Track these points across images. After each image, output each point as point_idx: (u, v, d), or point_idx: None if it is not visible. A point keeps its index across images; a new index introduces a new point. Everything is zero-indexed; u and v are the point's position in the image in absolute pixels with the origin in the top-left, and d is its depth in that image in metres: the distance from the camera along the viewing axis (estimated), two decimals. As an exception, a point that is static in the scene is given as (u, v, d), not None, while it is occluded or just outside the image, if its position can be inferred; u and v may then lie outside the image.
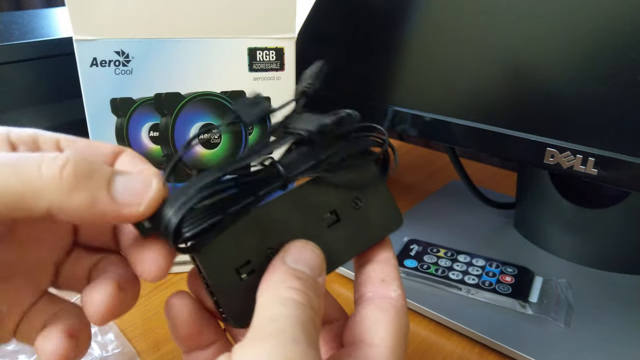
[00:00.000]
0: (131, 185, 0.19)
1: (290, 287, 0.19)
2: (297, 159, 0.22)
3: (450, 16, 0.38)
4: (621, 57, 0.30)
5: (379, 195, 0.24)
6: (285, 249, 0.21)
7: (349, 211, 0.24)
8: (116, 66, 0.36)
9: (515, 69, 0.34)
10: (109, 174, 0.18)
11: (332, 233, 0.23)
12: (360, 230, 0.24)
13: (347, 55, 0.45)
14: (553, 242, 0.45)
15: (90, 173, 0.18)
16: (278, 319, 0.18)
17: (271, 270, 0.20)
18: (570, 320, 0.36)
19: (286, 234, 0.22)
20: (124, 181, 0.19)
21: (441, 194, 0.56)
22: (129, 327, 0.38)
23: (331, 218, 0.23)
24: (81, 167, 0.17)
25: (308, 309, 0.19)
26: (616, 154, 0.30)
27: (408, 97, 0.40)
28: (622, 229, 0.41)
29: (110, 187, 0.18)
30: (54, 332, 0.21)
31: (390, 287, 0.23)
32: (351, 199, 0.24)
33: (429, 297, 0.39)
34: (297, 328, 0.17)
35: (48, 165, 0.17)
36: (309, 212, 0.23)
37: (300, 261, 0.20)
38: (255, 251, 0.21)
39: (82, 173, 0.17)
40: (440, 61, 0.38)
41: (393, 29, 0.41)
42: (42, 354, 0.20)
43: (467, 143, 0.37)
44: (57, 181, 0.17)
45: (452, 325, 0.37)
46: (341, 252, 0.23)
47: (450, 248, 0.44)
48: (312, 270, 0.20)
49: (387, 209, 0.25)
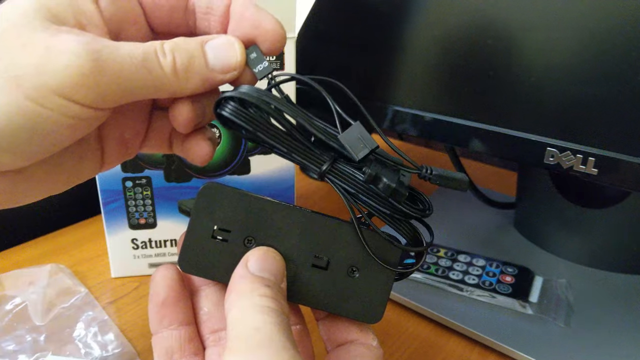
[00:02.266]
0: (222, 54, 0.21)
1: (262, 296, 0.19)
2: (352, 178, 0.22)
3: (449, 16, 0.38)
4: (621, 57, 0.30)
5: (379, 281, 0.23)
6: (248, 256, 0.21)
7: (341, 271, 0.23)
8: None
9: (515, 69, 0.34)
10: (203, 51, 0.21)
11: (310, 273, 0.23)
12: (336, 295, 0.23)
13: (347, 55, 0.45)
14: (553, 242, 0.45)
15: (192, 59, 0.21)
16: (262, 328, 0.18)
17: (237, 278, 0.21)
18: (570, 320, 0.36)
19: (272, 238, 0.22)
20: (214, 50, 0.21)
21: (441, 194, 0.56)
22: (129, 327, 0.38)
23: (321, 261, 0.23)
24: (185, 57, 0.21)
25: (282, 314, 0.19)
26: (616, 154, 0.30)
27: (408, 97, 0.40)
28: (622, 229, 0.41)
29: (207, 63, 0.21)
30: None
31: (369, 336, 0.23)
32: (351, 263, 0.23)
33: (429, 297, 0.39)
34: (282, 335, 0.18)
35: (164, 62, 0.20)
36: (307, 239, 0.23)
37: (265, 269, 0.21)
38: (238, 229, 0.22)
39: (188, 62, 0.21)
40: (440, 61, 0.38)
41: (393, 28, 0.41)
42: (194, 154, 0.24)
43: (467, 143, 0.37)
44: (175, 75, 0.20)
45: (452, 325, 0.37)
46: (305, 294, 0.23)
47: (450, 248, 0.44)
48: (276, 276, 0.21)
49: (376, 299, 0.23)
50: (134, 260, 0.42)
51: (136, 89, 0.20)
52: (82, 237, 0.50)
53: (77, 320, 0.37)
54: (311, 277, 0.23)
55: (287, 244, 0.22)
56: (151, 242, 0.42)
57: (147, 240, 0.42)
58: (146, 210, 0.41)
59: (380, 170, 0.21)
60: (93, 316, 0.38)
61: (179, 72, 0.20)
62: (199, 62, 0.21)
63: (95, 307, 0.39)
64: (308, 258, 0.23)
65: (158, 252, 0.43)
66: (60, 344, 0.35)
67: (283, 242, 0.22)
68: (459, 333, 0.37)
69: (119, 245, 0.42)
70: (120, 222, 0.41)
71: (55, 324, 0.37)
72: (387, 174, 0.21)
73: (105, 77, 0.19)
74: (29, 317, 0.37)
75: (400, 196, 0.21)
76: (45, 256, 0.47)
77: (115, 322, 0.38)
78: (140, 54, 0.20)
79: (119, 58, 0.19)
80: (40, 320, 0.37)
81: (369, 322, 0.23)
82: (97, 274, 0.44)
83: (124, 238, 0.42)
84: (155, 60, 0.20)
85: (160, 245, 0.42)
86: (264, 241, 0.22)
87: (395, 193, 0.21)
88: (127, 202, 0.40)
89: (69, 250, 0.48)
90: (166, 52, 0.20)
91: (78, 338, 0.36)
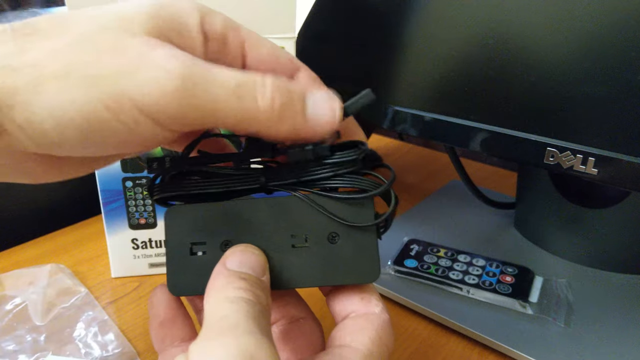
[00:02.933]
0: (320, 107, 0.20)
1: (236, 287, 0.19)
2: (286, 171, 0.22)
3: (449, 16, 0.38)
4: (621, 56, 0.30)
5: (363, 240, 0.23)
6: (226, 255, 0.21)
7: (321, 242, 0.23)
8: (116, 66, 0.36)
9: (515, 69, 0.34)
10: (303, 98, 0.20)
11: (293, 254, 0.23)
12: (327, 266, 0.23)
13: (347, 55, 0.45)
14: (553, 242, 0.45)
15: (292, 102, 0.19)
16: (229, 315, 0.18)
17: (215, 275, 0.21)
18: (570, 320, 0.36)
19: (247, 234, 0.23)
20: (316, 101, 0.20)
21: (441, 194, 0.56)
22: (129, 327, 0.38)
23: (299, 240, 0.23)
24: (285, 98, 0.19)
25: (257, 304, 0.19)
26: (616, 154, 0.30)
27: (408, 97, 0.40)
28: (622, 229, 0.41)
29: (305, 112, 0.20)
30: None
31: (372, 303, 0.22)
32: (329, 230, 0.23)
33: (429, 297, 0.39)
34: (249, 321, 0.18)
35: (262, 97, 0.19)
36: (280, 224, 0.23)
37: (243, 264, 0.21)
38: (212, 237, 0.23)
39: (287, 104, 0.19)
40: (440, 61, 0.38)
41: (393, 28, 0.41)
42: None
43: (467, 143, 0.37)
44: (270, 113, 0.19)
45: (452, 325, 0.37)
46: (297, 277, 0.23)
47: (450, 248, 0.44)
48: (254, 270, 0.21)
49: (365, 258, 0.23)
50: (134, 260, 0.43)
51: (221, 118, 0.19)
52: (82, 237, 0.50)
53: (77, 320, 0.37)
54: (297, 258, 0.23)
55: (262, 235, 0.23)
56: (151, 242, 0.42)
57: (147, 240, 0.42)
58: (146, 210, 0.41)
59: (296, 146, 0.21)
60: (93, 316, 0.38)
61: (275, 110, 0.19)
62: (298, 106, 0.20)
63: (95, 307, 0.39)
64: (286, 241, 0.23)
65: (158, 252, 0.43)
66: (60, 344, 0.35)
67: (257, 234, 0.23)
68: (459, 333, 0.37)
69: (119, 245, 0.42)
70: (121, 222, 0.41)
71: (55, 324, 0.37)
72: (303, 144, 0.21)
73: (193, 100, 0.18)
74: (29, 317, 0.37)
75: (323, 150, 0.21)
76: (45, 256, 0.47)
77: (115, 322, 0.38)
78: (236, 81, 0.18)
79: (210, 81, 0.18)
80: (40, 320, 0.37)
81: (368, 282, 0.23)
82: (97, 274, 0.44)
83: (124, 238, 0.42)
84: (251, 91, 0.19)
85: (161, 245, 0.42)
86: (240, 240, 0.23)
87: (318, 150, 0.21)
88: (127, 202, 0.40)
89: (69, 250, 0.48)
90: (267, 86, 0.19)
91: (78, 338, 0.36)
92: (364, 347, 0.20)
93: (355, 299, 0.23)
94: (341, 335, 0.21)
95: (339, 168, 0.22)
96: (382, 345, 0.21)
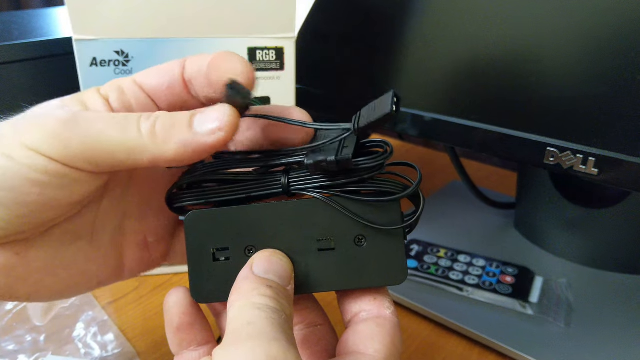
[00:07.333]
0: (208, 116, 0.20)
1: (262, 295, 0.19)
2: (309, 175, 0.22)
3: (450, 16, 0.38)
4: (621, 56, 0.30)
5: (390, 242, 0.22)
6: (252, 260, 0.21)
7: (347, 245, 0.22)
8: (116, 66, 0.36)
9: (515, 69, 0.34)
10: (189, 117, 0.21)
11: (319, 258, 0.22)
12: (353, 269, 0.22)
13: (347, 55, 0.45)
14: (553, 242, 0.45)
15: (173, 123, 0.20)
16: (256, 322, 0.18)
17: (241, 280, 0.21)
18: (570, 320, 0.36)
19: (271, 239, 0.22)
20: (201, 116, 0.21)
21: (441, 194, 0.56)
22: (129, 327, 0.38)
23: (325, 244, 0.22)
24: (167, 121, 0.20)
25: (281, 313, 0.19)
26: (616, 154, 0.30)
27: (408, 97, 0.40)
28: (622, 229, 0.41)
29: (192, 127, 0.20)
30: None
31: (384, 305, 0.22)
32: (356, 233, 0.22)
33: (429, 297, 0.39)
34: (275, 328, 0.18)
35: (144, 125, 0.20)
36: (304, 228, 0.22)
37: (270, 271, 0.21)
38: (235, 242, 0.22)
39: (168, 125, 0.20)
40: (440, 61, 0.38)
41: (393, 28, 0.41)
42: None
43: (467, 143, 0.37)
44: (152, 137, 0.20)
45: (452, 325, 0.37)
46: (323, 280, 0.22)
47: (450, 248, 0.44)
48: (281, 279, 0.21)
49: (392, 260, 0.22)
50: (133, 260, 0.42)
51: (106, 148, 0.20)
52: (82, 237, 0.50)
53: (77, 320, 0.37)
54: (323, 262, 0.22)
55: (287, 240, 0.22)
56: (151, 242, 0.42)
57: (147, 240, 0.42)
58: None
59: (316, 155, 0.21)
60: (93, 316, 0.38)
61: (157, 135, 0.20)
62: (180, 126, 0.20)
63: (95, 307, 0.39)
64: (312, 245, 0.22)
65: (158, 252, 0.42)
66: (60, 344, 0.35)
67: (282, 239, 0.22)
68: (459, 333, 0.37)
69: (118, 245, 0.42)
70: (120, 222, 0.41)
71: (55, 324, 0.37)
72: (324, 153, 0.21)
73: (73, 131, 0.19)
74: (29, 317, 0.37)
75: (348, 162, 0.21)
76: (45, 256, 0.47)
77: (115, 322, 0.38)
78: (121, 117, 0.20)
79: (92, 116, 0.20)
80: (40, 320, 0.37)
81: (396, 283, 0.23)
82: (97, 274, 0.44)
83: (124, 238, 0.41)
84: (133, 123, 0.20)
85: (160, 245, 0.42)
86: (264, 245, 0.22)
87: (343, 162, 0.21)
88: (127, 202, 0.40)
89: (69, 250, 0.48)
90: (150, 117, 0.20)
91: (78, 338, 0.36)
92: (378, 354, 0.20)
93: (368, 299, 0.23)
94: (354, 341, 0.21)
95: (365, 173, 0.21)
96: (394, 349, 0.21)
